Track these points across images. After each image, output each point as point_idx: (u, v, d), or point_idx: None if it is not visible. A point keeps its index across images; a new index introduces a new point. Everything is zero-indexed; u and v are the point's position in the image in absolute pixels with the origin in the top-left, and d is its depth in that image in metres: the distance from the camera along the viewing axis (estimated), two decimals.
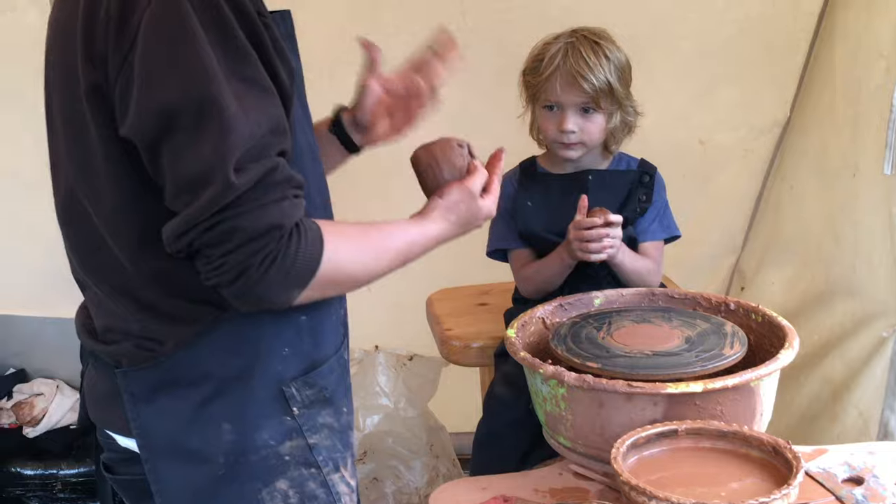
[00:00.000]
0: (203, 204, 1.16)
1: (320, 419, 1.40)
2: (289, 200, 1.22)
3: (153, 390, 1.33)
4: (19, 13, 2.99)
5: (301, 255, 1.22)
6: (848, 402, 2.40)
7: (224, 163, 1.14)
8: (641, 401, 1.51)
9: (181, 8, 1.13)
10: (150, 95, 1.15)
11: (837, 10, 2.62)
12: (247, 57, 1.18)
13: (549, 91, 2.02)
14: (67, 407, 3.52)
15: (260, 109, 1.19)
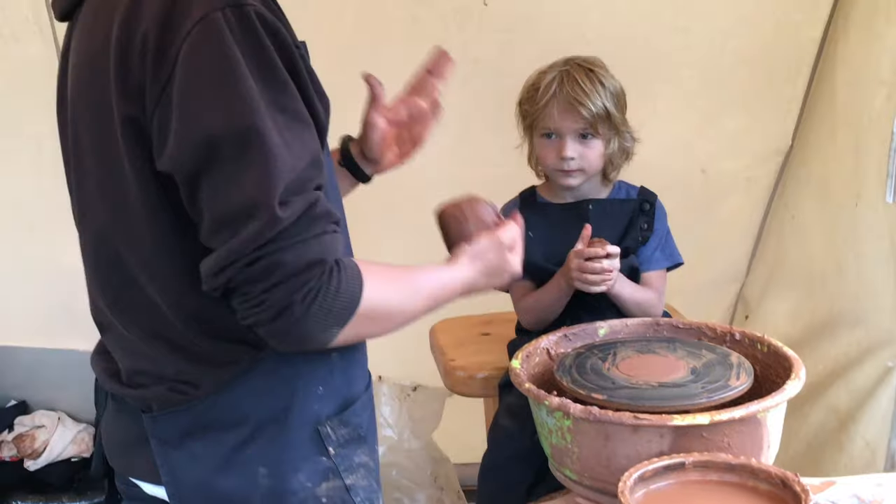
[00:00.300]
0: (246, 238, 1.12)
1: (356, 458, 1.38)
2: (329, 235, 1.18)
3: (184, 435, 1.30)
4: (23, 44, 3.00)
5: (342, 292, 1.18)
6: (854, 433, 2.39)
7: (269, 196, 1.11)
8: (648, 433, 1.49)
9: (223, 38, 1.11)
10: (191, 126, 1.12)
11: (838, 38, 2.63)
12: (286, 88, 1.15)
13: (547, 118, 2.03)
14: (69, 439, 3.51)
15: (300, 142, 1.16)
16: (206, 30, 1.10)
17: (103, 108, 1.19)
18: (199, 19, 1.10)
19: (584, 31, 2.75)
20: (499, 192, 2.31)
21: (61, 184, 3.20)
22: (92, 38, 1.22)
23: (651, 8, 2.75)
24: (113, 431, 1.44)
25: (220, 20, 1.10)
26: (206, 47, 1.11)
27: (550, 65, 2.08)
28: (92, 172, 1.28)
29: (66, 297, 3.42)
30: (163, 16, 1.12)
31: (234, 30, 1.11)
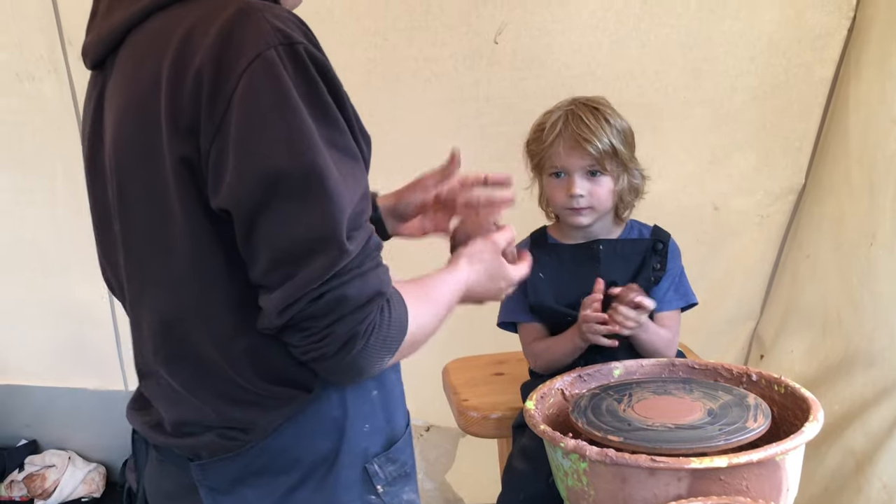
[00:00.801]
0: (312, 274, 1.12)
1: (404, 496, 1.39)
2: (382, 267, 1.21)
3: (235, 481, 1.29)
4: (37, 83, 3.04)
5: (394, 321, 1.20)
6: (872, 474, 2.35)
7: (337, 230, 1.12)
8: (665, 476, 1.47)
9: (278, 76, 1.10)
10: (253, 162, 1.11)
11: (850, 78, 2.63)
12: (338, 125, 1.16)
13: (554, 157, 2.03)
14: (79, 479, 3.50)
15: (354, 177, 1.16)
16: (262, 68, 1.10)
17: (153, 151, 1.18)
18: (254, 58, 1.10)
19: (593, 69, 2.77)
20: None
21: (74, 222, 3.25)
22: (137, 83, 1.21)
23: (661, 46, 2.76)
24: (159, 482, 1.42)
25: (274, 58, 1.10)
26: (262, 85, 1.10)
27: (556, 105, 2.09)
28: (140, 219, 1.25)
29: (77, 336, 3.44)
30: (215, 56, 1.11)
31: (288, 67, 1.11)
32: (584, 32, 2.75)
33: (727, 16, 2.71)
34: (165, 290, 1.25)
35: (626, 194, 2.08)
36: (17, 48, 2.98)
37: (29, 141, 3.14)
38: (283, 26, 1.12)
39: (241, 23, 1.12)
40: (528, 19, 2.74)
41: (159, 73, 1.16)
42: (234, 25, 1.12)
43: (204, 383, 1.27)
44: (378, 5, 2.76)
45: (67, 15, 2.92)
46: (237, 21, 1.12)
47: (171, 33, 1.16)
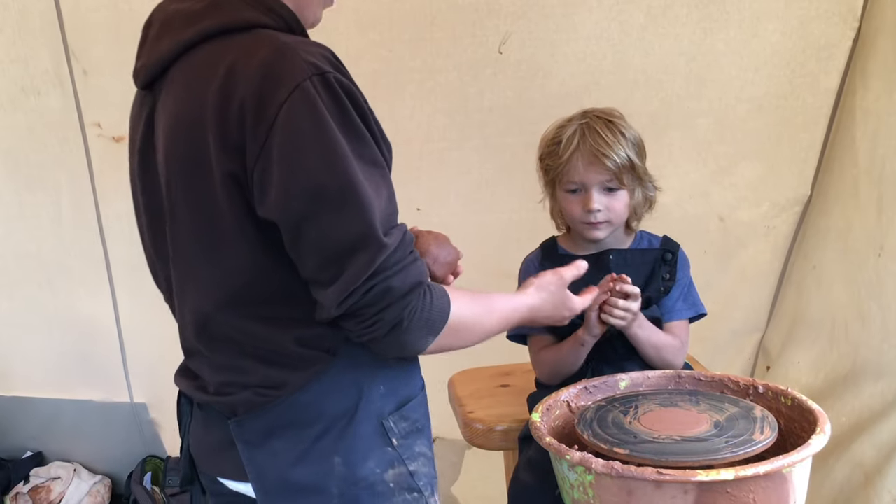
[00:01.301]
0: (359, 268, 1.33)
1: (416, 448, 1.56)
2: (419, 260, 1.42)
3: (266, 435, 1.48)
4: (43, 97, 3.05)
5: (436, 307, 1.42)
6: (881, 487, 2.34)
7: (374, 230, 1.32)
8: (672, 489, 1.46)
9: (315, 103, 1.29)
10: (297, 178, 1.30)
11: (857, 88, 2.63)
12: (364, 139, 1.35)
13: (572, 173, 2.01)
14: (85, 491, 3.50)
15: (381, 184, 1.36)
16: (300, 97, 1.29)
17: (201, 166, 1.37)
18: (293, 89, 1.28)
19: (598, 79, 2.78)
20: (515, 237, 2.32)
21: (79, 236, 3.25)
22: (186, 105, 1.39)
23: (665, 56, 2.76)
24: (203, 436, 1.62)
25: (309, 88, 1.29)
26: (301, 111, 1.29)
27: (568, 118, 2.06)
28: (186, 223, 1.44)
29: (82, 348, 3.44)
30: (257, 88, 1.30)
31: (322, 95, 1.30)
32: (588, 42, 2.75)
33: (731, 26, 2.71)
34: (210, 284, 1.46)
35: (640, 206, 2.08)
36: (23, 63, 2.99)
37: (34, 155, 3.15)
38: (315, 60, 1.31)
39: (279, 59, 1.31)
40: (532, 29, 2.75)
41: (206, 98, 1.34)
42: (274, 61, 1.31)
43: (243, 354, 1.48)
44: (382, 17, 2.77)
45: (72, 30, 2.93)
46: (276, 58, 1.31)
47: (216, 64, 1.35)
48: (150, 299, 3.22)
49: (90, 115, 3.05)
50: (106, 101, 3.02)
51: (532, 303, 1.72)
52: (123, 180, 3.15)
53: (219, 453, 1.56)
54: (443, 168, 2.95)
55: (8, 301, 3.39)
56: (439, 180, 2.96)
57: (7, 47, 2.98)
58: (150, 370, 3.44)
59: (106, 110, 3.03)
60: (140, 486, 3.39)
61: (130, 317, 3.37)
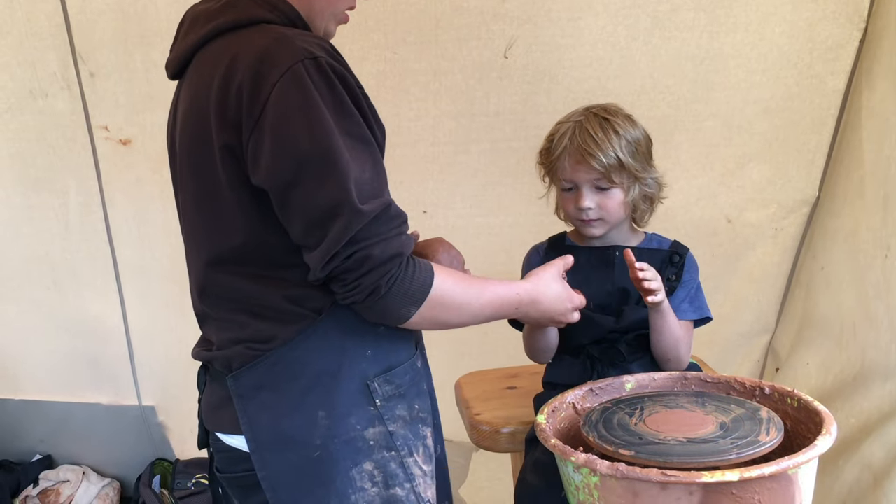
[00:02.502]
0: (338, 233, 1.45)
1: (397, 411, 1.66)
2: (404, 234, 1.53)
3: (258, 388, 1.59)
4: (50, 99, 3.06)
5: (416, 279, 1.53)
6: (890, 489, 2.32)
7: (349, 195, 1.44)
8: (677, 490, 1.46)
9: (304, 82, 1.42)
10: (285, 148, 1.43)
11: (863, 89, 2.62)
12: (352, 116, 1.47)
13: (561, 170, 2.02)
14: (94, 494, 3.51)
15: (365, 159, 1.48)
16: (292, 77, 1.43)
17: (204, 139, 1.53)
18: (286, 69, 1.43)
19: (604, 83, 2.77)
20: (520, 240, 2.32)
21: (87, 239, 3.27)
22: (197, 90, 1.56)
23: (672, 60, 2.76)
24: (208, 399, 1.73)
25: (301, 69, 1.43)
26: (292, 89, 1.43)
27: (569, 114, 2.07)
28: (191, 190, 1.62)
29: (91, 352, 3.45)
30: (255, 70, 1.45)
31: (313, 76, 1.44)
32: (594, 47, 2.75)
33: (738, 28, 2.71)
34: (209, 245, 1.61)
35: (640, 203, 2.07)
36: (31, 66, 3.01)
37: (42, 157, 3.16)
38: (309, 47, 1.46)
39: (276, 46, 1.46)
40: (538, 34, 2.75)
41: (212, 82, 1.50)
42: (271, 48, 1.46)
43: (238, 309, 1.61)
44: (387, 19, 2.77)
45: (79, 33, 2.94)
46: (273, 45, 1.46)
47: (223, 55, 1.51)
48: (158, 302, 3.27)
49: (97, 118, 3.06)
50: (113, 104, 3.03)
51: (528, 287, 1.77)
52: (131, 183, 3.18)
53: (218, 409, 1.67)
54: (449, 170, 2.95)
55: (16, 304, 3.40)
56: (445, 183, 2.96)
57: (15, 50, 2.99)
58: (159, 373, 3.45)
59: (113, 113, 3.05)
60: (149, 489, 3.40)
61: (138, 320, 3.38)
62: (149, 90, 2.99)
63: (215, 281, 1.63)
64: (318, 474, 1.60)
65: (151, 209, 3.14)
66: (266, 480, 1.61)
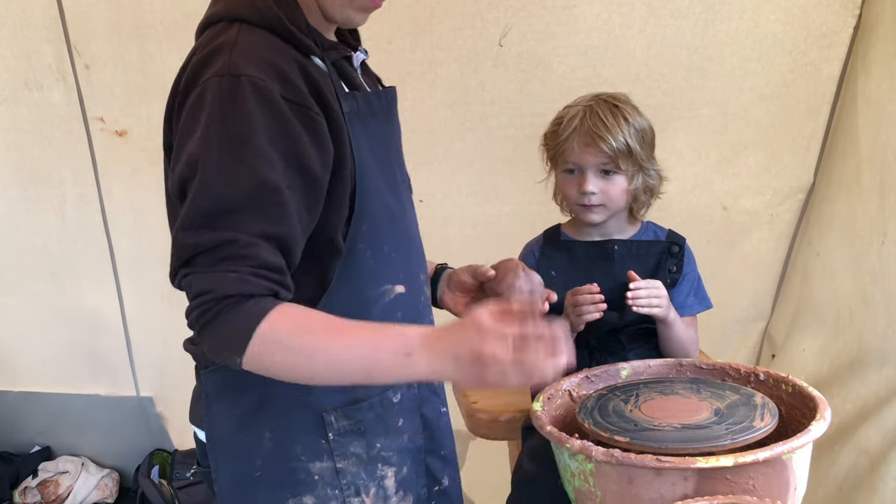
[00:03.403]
0: (172, 256, 1.36)
1: (351, 448, 1.55)
2: (237, 275, 1.31)
3: (221, 390, 1.54)
4: (45, 91, 3.06)
5: (235, 323, 1.30)
6: (886, 473, 2.33)
7: (181, 225, 1.33)
8: (671, 476, 1.46)
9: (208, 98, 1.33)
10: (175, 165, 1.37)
11: (858, 75, 2.62)
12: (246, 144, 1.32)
13: (569, 152, 2.02)
14: (93, 485, 3.52)
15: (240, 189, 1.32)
16: (202, 91, 1.34)
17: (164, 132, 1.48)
18: (203, 80, 1.35)
19: (599, 71, 2.77)
20: (517, 228, 2.32)
21: (84, 230, 3.27)
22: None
23: (666, 47, 2.76)
24: (193, 392, 1.67)
25: (215, 85, 1.33)
26: (196, 105, 1.35)
27: (577, 100, 2.07)
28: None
29: (89, 343, 3.45)
30: (188, 78, 1.38)
31: (224, 93, 1.32)
32: (589, 35, 2.75)
33: (732, 16, 2.70)
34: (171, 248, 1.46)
35: (641, 194, 2.07)
36: (26, 57, 3.01)
37: (38, 149, 3.16)
38: (242, 62, 1.34)
39: (214, 54, 1.37)
40: (532, 22, 2.74)
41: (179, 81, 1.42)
42: (211, 54, 1.37)
43: None
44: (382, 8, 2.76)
45: (74, 25, 2.94)
46: (213, 52, 1.37)
47: (194, 51, 1.44)
48: (155, 293, 3.27)
49: (93, 109, 3.06)
50: (108, 95, 3.03)
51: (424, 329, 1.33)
52: (127, 174, 3.18)
53: (195, 402, 1.64)
54: (444, 160, 2.95)
55: (14, 296, 3.41)
56: (441, 172, 2.96)
57: (9, 41, 2.99)
58: (157, 364, 3.46)
59: (108, 105, 3.05)
60: (148, 480, 3.41)
61: (136, 311, 3.39)
62: (144, 82, 2.98)
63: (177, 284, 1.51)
64: (256, 494, 1.55)
65: (148, 200, 3.13)
66: (216, 483, 1.58)
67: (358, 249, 1.48)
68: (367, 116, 1.52)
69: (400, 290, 1.57)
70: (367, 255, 1.50)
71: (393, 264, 1.56)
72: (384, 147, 1.59)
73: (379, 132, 1.57)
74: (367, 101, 1.54)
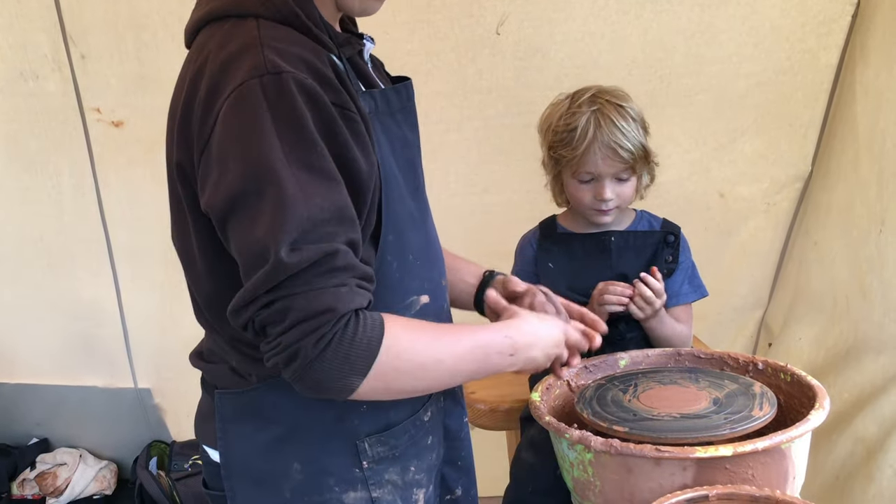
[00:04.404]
0: (257, 281, 1.21)
1: (387, 476, 1.47)
2: (347, 288, 1.24)
3: (240, 414, 1.44)
4: (41, 81, 3.05)
5: (359, 340, 1.24)
6: (883, 462, 2.34)
7: (277, 241, 1.19)
8: (670, 465, 1.47)
9: (255, 100, 1.21)
10: (222, 178, 1.23)
11: (856, 64, 2.61)
12: (314, 147, 1.23)
13: (589, 164, 1.99)
14: (91, 477, 3.51)
15: (323, 196, 1.23)
16: (241, 94, 1.22)
17: (169, 148, 1.37)
18: (239, 84, 1.22)
19: (596, 58, 2.76)
20: (514, 217, 2.32)
21: (81, 221, 3.25)
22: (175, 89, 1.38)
23: (663, 33, 2.75)
24: (199, 407, 1.58)
25: (256, 86, 1.21)
26: (239, 108, 1.22)
27: (574, 100, 2.03)
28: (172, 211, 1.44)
29: (86, 334, 3.44)
30: (213, 81, 1.25)
31: (269, 94, 1.21)
32: (585, 21, 2.74)
33: (730, 2, 2.70)
34: (187, 265, 1.44)
35: (644, 187, 2.09)
36: (21, 47, 2.99)
37: (34, 139, 3.14)
38: (277, 58, 1.23)
39: (240, 54, 1.25)
40: (529, 10, 2.74)
41: (183, 86, 1.33)
42: (235, 56, 1.25)
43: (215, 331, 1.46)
44: None
45: (70, 15, 2.92)
46: (238, 52, 1.25)
47: (200, 51, 1.32)
48: (152, 284, 3.26)
49: (89, 100, 3.05)
50: (105, 85, 3.02)
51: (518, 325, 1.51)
52: (123, 165, 3.17)
53: (206, 421, 1.53)
54: (442, 149, 2.94)
55: (11, 287, 3.40)
56: (438, 162, 2.96)
57: (5, 32, 2.97)
58: (154, 355, 3.45)
59: (104, 95, 3.03)
60: (146, 471, 3.41)
61: (133, 302, 3.38)
62: (140, 71, 2.97)
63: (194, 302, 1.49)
64: None
65: (144, 191, 3.12)
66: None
67: (386, 262, 1.41)
68: (385, 116, 1.44)
69: (425, 301, 1.50)
70: (394, 266, 1.42)
71: (418, 274, 1.49)
72: (405, 148, 1.48)
73: (398, 132, 1.47)
74: (385, 98, 1.45)
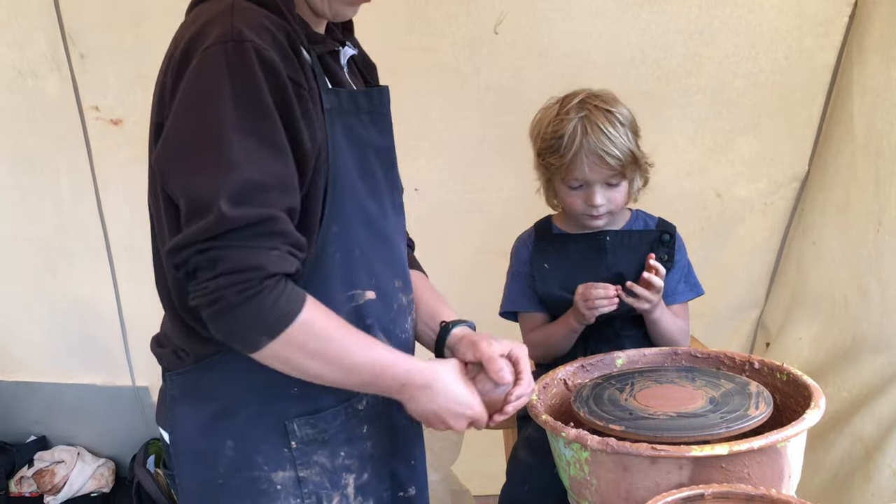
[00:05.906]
0: (198, 229, 1.27)
1: (315, 457, 1.53)
2: (279, 252, 1.31)
3: (183, 394, 1.52)
4: (40, 80, 3.04)
5: (280, 304, 1.30)
6: (881, 461, 2.34)
7: (218, 195, 1.26)
8: (666, 464, 1.47)
9: (216, 65, 1.28)
10: (173, 131, 1.32)
11: (853, 64, 2.62)
12: (267, 116, 1.30)
13: (577, 171, 1.98)
14: (89, 474, 3.51)
15: (269, 163, 1.30)
16: (206, 57, 1.29)
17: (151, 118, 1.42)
18: (207, 47, 1.30)
19: (594, 58, 2.77)
20: (512, 216, 2.32)
21: (80, 219, 3.25)
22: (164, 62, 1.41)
23: (661, 33, 2.75)
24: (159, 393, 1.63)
25: (220, 51, 1.29)
26: (203, 71, 1.30)
27: (563, 105, 2.02)
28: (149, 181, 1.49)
29: (84, 332, 3.44)
30: (186, 46, 1.32)
31: (231, 60, 1.29)
32: (583, 21, 2.74)
33: (727, 2, 2.70)
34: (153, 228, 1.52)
35: (637, 189, 2.08)
36: (19, 46, 2.99)
37: (33, 138, 3.14)
38: (243, 27, 1.30)
39: (213, 21, 1.32)
40: (527, 8, 2.74)
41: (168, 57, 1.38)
42: (209, 22, 1.33)
43: (167, 307, 1.52)
44: None
45: (69, 13, 2.92)
46: (212, 19, 1.33)
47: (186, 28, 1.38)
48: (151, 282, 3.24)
49: (88, 98, 3.04)
50: (103, 84, 3.02)
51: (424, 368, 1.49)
52: (122, 163, 3.16)
53: (161, 403, 1.60)
54: (440, 148, 2.95)
55: (9, 285, 3.40)
56: (437, 160, 2.96)
57: (3, 30, 2.97)
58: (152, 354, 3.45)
59: (103, 94, 3.03)
60: (143, 469, 3.41)
61: (131, 300, 3.38)
62: (139, 70, 2.97)
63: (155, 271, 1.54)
64: (218, 502, 1.52)
65: (143, 189, 3.10)
66: (179, 487, 1.56)
67: (327, 252, 1.45)
68: (349, 115, 1.48)
69: (370, 296, 1.53)
70: (337, 257, 1.46)
71: (364, 269, 1.52)
72: (366, 148, 1.52)
73: (362, 133, 1.51)
74: (352, 99, 1.50)
